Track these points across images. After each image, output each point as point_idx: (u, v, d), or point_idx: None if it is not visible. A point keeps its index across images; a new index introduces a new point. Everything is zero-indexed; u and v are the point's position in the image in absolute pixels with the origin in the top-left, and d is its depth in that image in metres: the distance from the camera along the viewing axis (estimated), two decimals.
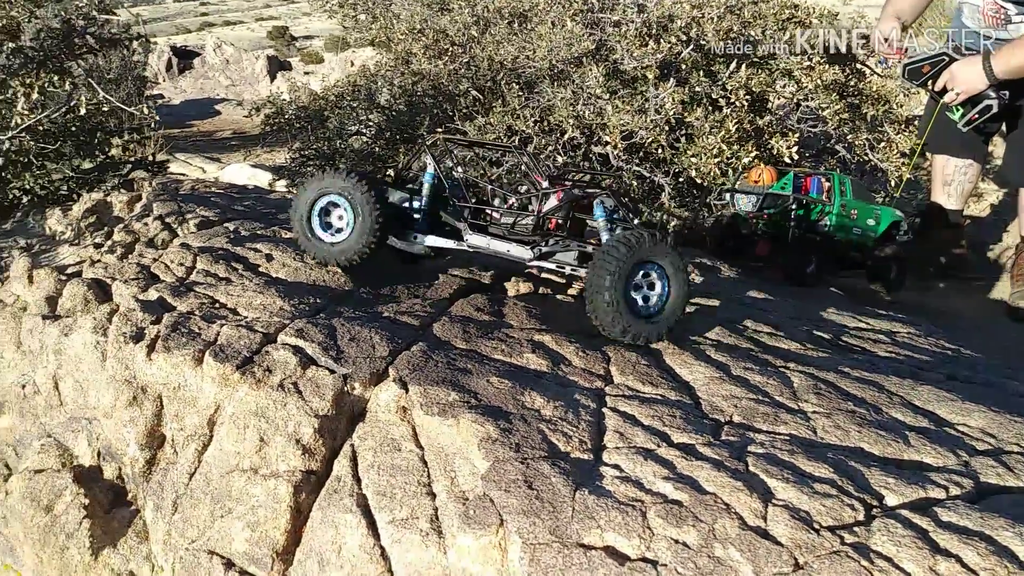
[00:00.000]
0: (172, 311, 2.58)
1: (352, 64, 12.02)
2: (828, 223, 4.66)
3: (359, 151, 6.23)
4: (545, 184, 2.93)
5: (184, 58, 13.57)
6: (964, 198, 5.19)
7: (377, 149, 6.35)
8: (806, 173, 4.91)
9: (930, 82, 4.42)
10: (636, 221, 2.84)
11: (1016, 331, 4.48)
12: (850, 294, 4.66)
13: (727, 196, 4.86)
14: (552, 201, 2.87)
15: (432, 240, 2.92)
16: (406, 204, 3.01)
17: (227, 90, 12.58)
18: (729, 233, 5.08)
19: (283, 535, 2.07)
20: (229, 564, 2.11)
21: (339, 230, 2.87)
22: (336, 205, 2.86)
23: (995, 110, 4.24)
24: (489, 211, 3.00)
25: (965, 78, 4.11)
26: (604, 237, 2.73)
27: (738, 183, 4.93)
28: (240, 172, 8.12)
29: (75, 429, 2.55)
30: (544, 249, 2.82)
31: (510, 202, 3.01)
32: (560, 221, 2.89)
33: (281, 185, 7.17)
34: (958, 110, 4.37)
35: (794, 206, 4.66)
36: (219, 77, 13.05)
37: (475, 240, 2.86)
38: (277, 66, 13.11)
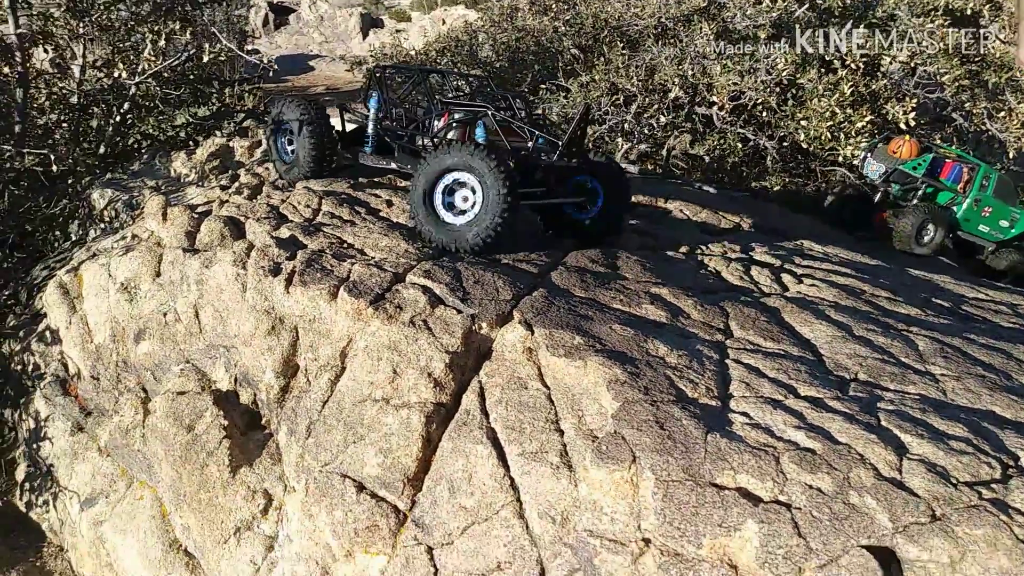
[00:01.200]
0: (305, 248, 2.69)
1: (443, 23, 12.01)
2: (955, 212, 4.51)
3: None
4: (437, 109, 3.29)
5: (280, 14, 13.83)
6: None
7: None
8: (951, 158, 4.72)
9: None
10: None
11: None
12: (963, 266, 4.52)
13: (859, 157, 4.70)
14: (441, 123, 3.19)
15: (371, 161, 3.33)
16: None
17: (320, 47, 12.78)
18: (848, 202, 4.95)
19: (415, 462, 2.16)
20: (360, 487, 2.22)
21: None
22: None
23: None
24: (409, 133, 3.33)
25: None
26: None
27: (877, 148, 4.78)
28: (335, 125, 8.26)
29: (213, 356, 2.70)
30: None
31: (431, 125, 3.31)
32: (456, 142, 3.01)
33: None
34: None
35: (922, 187, 4.51)
36: (313, 33, 13.27)
37: (400, 161, 3.25)
38: (369, 23, 13.25)
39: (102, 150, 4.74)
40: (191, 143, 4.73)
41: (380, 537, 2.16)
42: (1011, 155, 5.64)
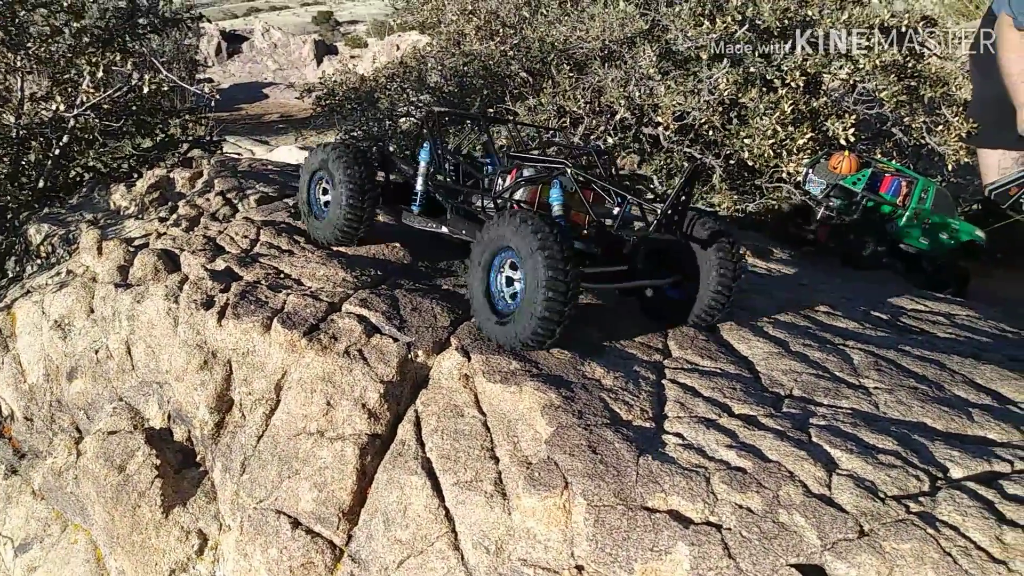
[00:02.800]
0: (239, 280, 2.65)
1: (398, 48, 12.06)
2: (895, 226, 4.57)
3: (407, 132, 6.29)
4: (502, 163, 2.72)
5: (233, 42, 13.77)
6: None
7: (426, 131, 6.38)
8: (891, 172, 4.80)
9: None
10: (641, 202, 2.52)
11: None
12: (906, 278, 4.60)
13: (802, 173, 4.76)
14: (508, 181, 2.64)
15: (417, 222, 2.83)
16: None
17: (275, 74, 12.74)
18: (791, 218, 5.01)
19: (349, 495, 2.13)
20: (296, 523, 2.17)
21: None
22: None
23: None
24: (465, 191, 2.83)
25: None
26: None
27: (818, 164, 4.84)
28: (289, 154, 8.24)
29: (146, 393, 2.64)
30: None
31: (488, 182, 2.79)
32: (525, 203, 2.54)
33: None
34: None
35: (863, 202, 4.57)
36: (267, 61, 13.23)
37: (452, 225, 2.71)
38: (324, 50, 13.24)
39: (41, 184, 4.65)
40: (134, 174, 4.66)
41: (316, 574, 2.11)
42: (950, 168, 5.76)
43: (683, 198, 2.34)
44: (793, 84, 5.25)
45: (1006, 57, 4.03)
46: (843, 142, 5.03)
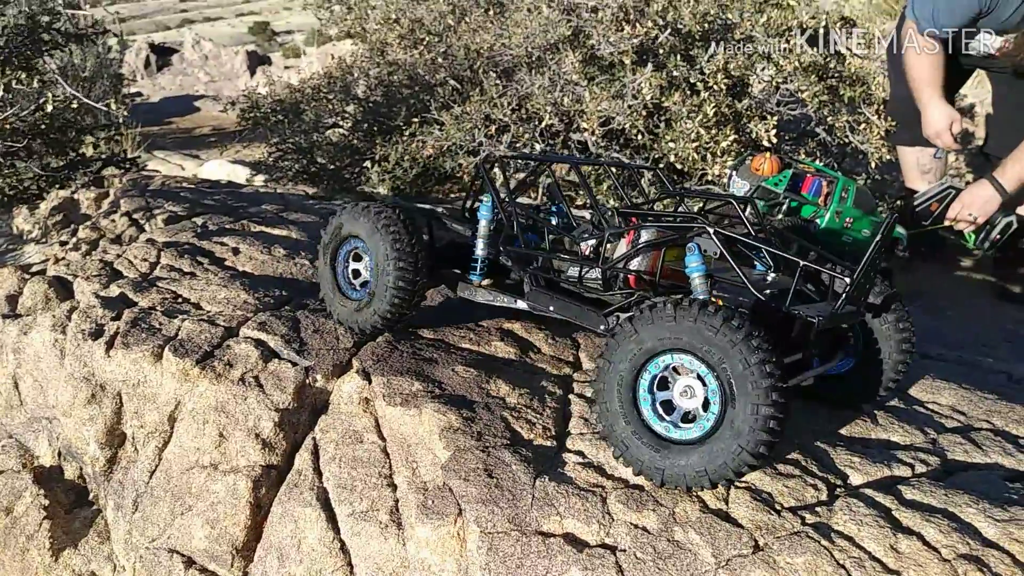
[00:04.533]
0: (133, 307, 2.55)
1: (332, 57, 11.94)
2: (817, 226, 4.59)
3: (336, 144, 6.19)
4: (612, 220, 2.15)
5: (163, 55, 13.47)
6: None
7: (355, 142, 6.29)
8: (811, 172, 4.83)
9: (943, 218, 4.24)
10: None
11: (997, 309, 4.47)
12: None
13: (726, 177, 4.75)
14: (622, 246, 2.11)
15: (482, 295, 2.32)
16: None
17: (207, 86, 12.49)
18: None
19: (242, 531, 2.04)
20: (190, 562, 2.08)
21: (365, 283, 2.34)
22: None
23: (1015, 225, 4.15)
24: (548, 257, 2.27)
25: (979, 205, 3.93)
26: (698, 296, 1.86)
27: (742, 166, 4.85)
28: (220, 169, 8.05)
29: (36, 429, 2.51)
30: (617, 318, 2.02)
31: (581, 246, 2.24)
32: (644, 274, 2.05)
33: (260, 180, 7.12)
34: (971, 236, 4.25)
35: (785, 202, 4.59)
36: (198, 73, 12.97)
37: (533, 300, 2.20)
38: (257, 61, 13.03)
39: None
40: (44, 195, 4.49)
41: None
42: (873, 166, 5.86)
43: (877, 263, 1.90)
44: (716, 87, 5.29)
45: (909, 62, 4.10)
46: (766, 143, 5.08)
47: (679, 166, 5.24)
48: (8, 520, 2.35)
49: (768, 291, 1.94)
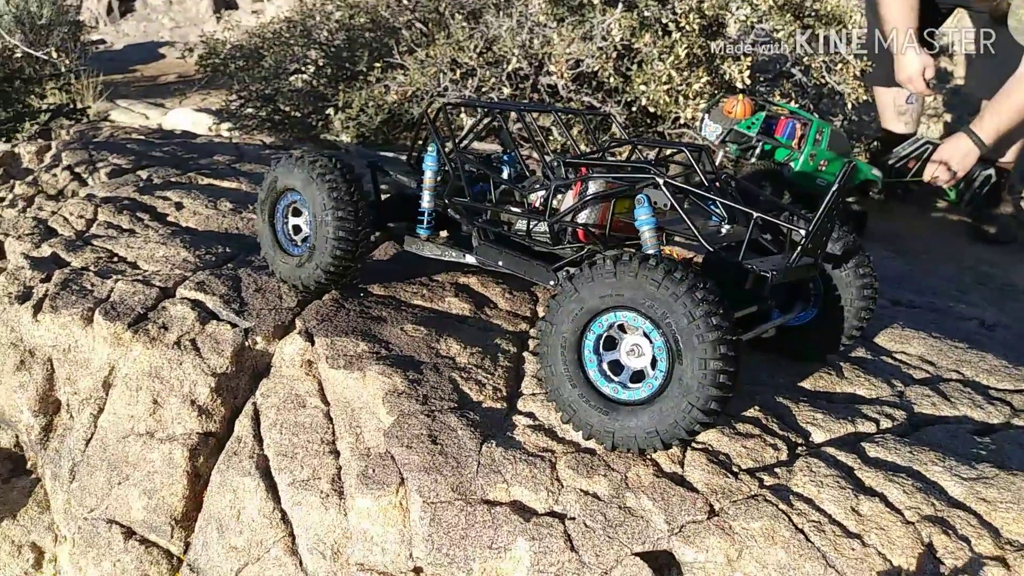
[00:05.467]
0: (64, 267, 2.41)
1: (301, 1, 11.57)
2: (792, 168, 4.48)
3: (300, 90, 5.97)
4: (557, 171, 2.04)
5: (125, 0, 12.99)
6: (917, 123, 5.05)
7: (319, 88, 6.08)
8: (784, 115, 4.69)
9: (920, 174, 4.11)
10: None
11: (972, 252, 4.40)
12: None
13: (699, 120, 4.60)
14: (569, 198, 2.01)
15: (429, 249, 2.24)
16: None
17: (171, 32, 12.05)
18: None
19: (181, 501, 1.95)
20: (129, 532, 1.99)
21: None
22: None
23: (995, 178, 4.02)
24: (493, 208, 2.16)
25: (958, 160, 3.76)
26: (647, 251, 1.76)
27: (714, 108, 4.70)
28: (184, 117, 7.79)
29: None
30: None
31: (530, 198, 2.12)
32: (593, 227, 1.95)
33: (224, 129, 6.90)
34: (952, 190, 4.12)
35: (758, 145, 4.46)
36: (162, 19, 12.51)
37: (480, 255, 2.13)
38: (223, 5, 12.58)
39: None
40: None
41: None
42: (849, 107, 5.72)
43: (834, 213, 1.79)
44: (688, 27, 5.10)
45: (882, 2, 3.97)
46: (740, 85, 4.92)
47: (651, 109, 5.09)
48: None
49: (722, 243, 1.84)
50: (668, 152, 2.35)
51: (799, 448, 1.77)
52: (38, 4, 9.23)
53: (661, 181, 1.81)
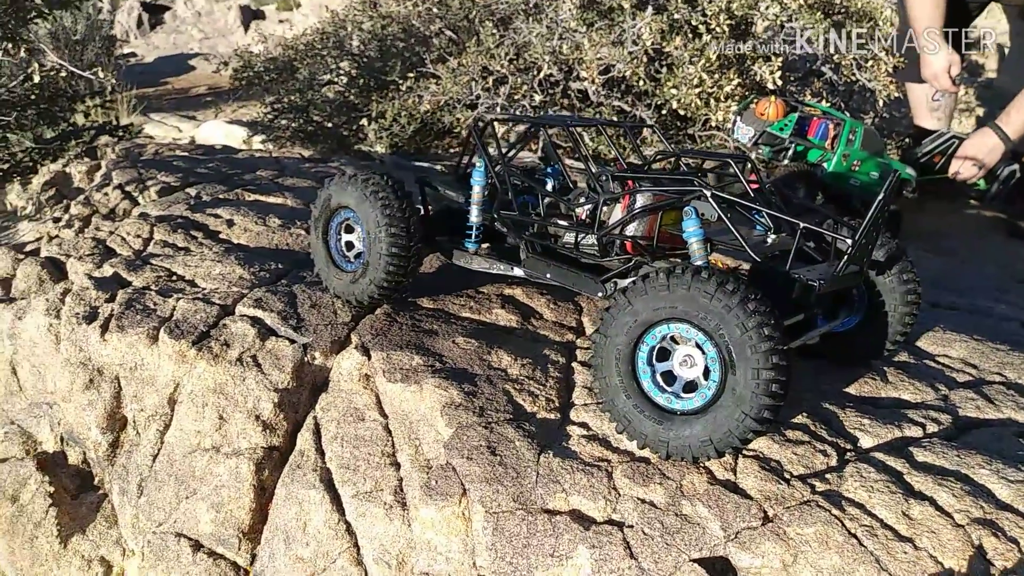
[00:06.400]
0: (127, 287, 2.50)
1: (328, 9, 11.69)
2: (825, 169, 4.49)
3: (333, 101, 6.07)
4: (606, 183, 2.06)
5: (155, 13, 13.20)
6: (950, 119, 5.03)
7: (352, 98, 6.17)
8: (817, 115, 4.69)
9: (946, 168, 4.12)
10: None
11: (1009, 249, 4.38)
12: None
13: (731, 121, 4.61)
14: (617, 211, 2.03)
15: (477, 263, 2.27)
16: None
17: (200, 44, 12.26)
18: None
19: (248, 514, 2.03)
20: (197, 545, 2.07)
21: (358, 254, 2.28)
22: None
23: (1019, 173, 4.02)
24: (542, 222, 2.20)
25: (984, 155, 3.78)
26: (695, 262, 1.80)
27: (746, 110, 4.72)
28: (216, 130, 7.94)
29: (37, 415, 2.50)
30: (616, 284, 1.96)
31: (577, 211, 2.15)
32: (641, 240, 1.97)
33: (258, 141, 7.02)
34: (982, 182, 4.13)
35: (791, 147, 4.47)
36: (191, 31, 12.71)
37: (529, 267, 2.16)
38: (250, 15, 12.76)
39: None
40: (39, 168, 4.42)
41: None
42: (881, 104, 5.70)
43: (880, 222, 1.81)
44: (719, 29, 5.12)
45: (911, 4, 3.99)
46: (771, 86, 4.93)
47: (682, 112, 5.12)
48: (15, 508, 2.35)
49: (768, 253, 1.89)
50: (713, 165, 2.39)
51: (848, 453, 1.81)
52: (72, 20, 9.42)
53: (708, 193, 1.85)
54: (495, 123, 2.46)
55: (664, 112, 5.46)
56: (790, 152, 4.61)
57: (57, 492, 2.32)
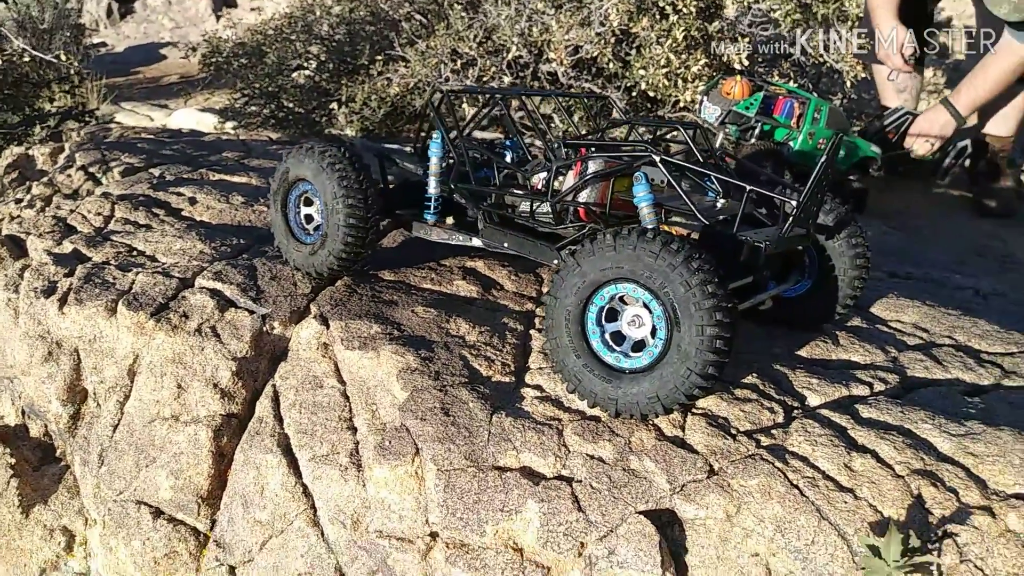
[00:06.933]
0: (87, 262, 2.50)
1: None
2: (791, 148, 4.52)
3: (303, 86, 6.05)
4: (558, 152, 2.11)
5: (125, 2, 13.06)
6: (916, 99, 5.10)
7: (322, 83, 6.15)
8: (782, 94, 4.73)
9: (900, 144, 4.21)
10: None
11: (973, 226, 4.45)
12: None
13: (698, 102, 4.64)
14: (570, 178, 2.07)
15: (436, 234, 2.30)
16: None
17: (171, 33, 12.12)
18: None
19: (206, 480, 2.04)
20: (158, 512, 2.08)
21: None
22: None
23: (970, 149, 4.11)
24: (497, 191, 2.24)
25: (936, 131, 3.89)
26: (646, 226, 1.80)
27: (712, 90, 4.75)
28: (188, 117, 7.88)
29: None
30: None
31: (533, 180, 2.18)
32: (594, 206, 2.01)
33: (229, 128, 6.99)
34: (930, 159, 4.23)
35: (757, 126, 4.51)
36: (162, 20, 12.58)
37: (486, 237, 2.20)
38: (222, 3, 12.64)
39: None
40: (1, 153, 4.38)
41: (182, 563, 2.04)
42: (849, 85, 5.75)
43: (824, 184, 1.87)
44: (686, 10, 5.15)
45: None
46: (738, 67, 4.97)
47: (651, 93, 5.15)
48: None
49: (718, 217, 1.92)
50: (664, 131, 2.43)
51: (795, 411, 1.86)
52: (39, 8, 9.32)
53: (658, 159, 1.89)
54: (464, 103, 2.49)
55: (634, 93, 5.49)
56: (756, 131, 4.65)
57: (18, 464, 2.32)
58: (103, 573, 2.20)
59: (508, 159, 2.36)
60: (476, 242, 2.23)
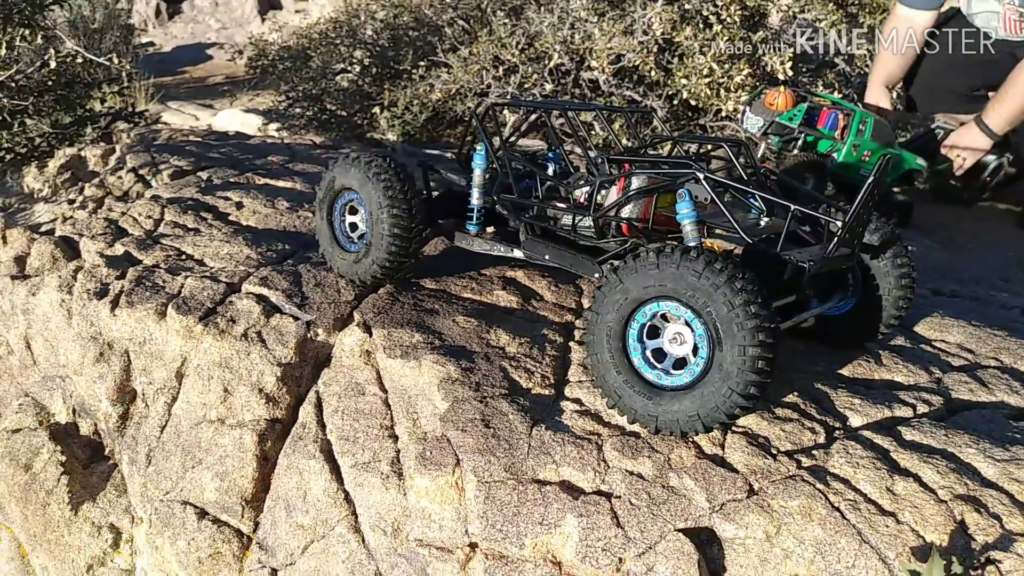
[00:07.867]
0: (137, 265, 2.57)
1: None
2: (835, 160, 4.48)
3: (346, 90, 6.13)
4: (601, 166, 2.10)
5: (173, 3, 13.33)
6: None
7: (365, 87, 6.22)
8: (826, 106, 4.69)
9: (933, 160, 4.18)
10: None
11: (1018, 240, 4.37)
12: None
13: (740, 112, 4.61)
14: (613, 193, 2.06)
15: (478, 245, 2.32)
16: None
17: (218, 33, 12.35)
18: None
19: (251, 483, 2.09)
20: (203, 513, 2.13)
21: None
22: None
23: (1006, 167, 4.05)
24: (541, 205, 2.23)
25: (966, 144, 3.85)
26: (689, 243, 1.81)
27: (755, 101, 4.72)
28: (233, 118, 8.01)
29: (50, 387, 2.57)
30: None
31: (575, 193, 2.18)
32: (636, 221, 2.01)
33: (272, 129, 7.09)
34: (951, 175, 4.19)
35: (800, 137, 4.47)
36: (209, 20, 12.82)
37: (528, 249, 2.21)
38: (267, 5, 12.85)
39: None
40: (55, 153, 4.50)
41: (225, 563, 2.08)
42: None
43: (870, 204, 1.83)
44: (730, 19, 5.13)
45: (880, 56, 4.09)
46: (781, 77, 4.93)
47: (693, 102, 5.13)
48: (28, 476, 2.42)
49: (761, 235, 1.92)
50: (709, 147, 2.43)
51: (836, 432, 1.84)
52: (91, 8, 9.53)
53: (701, 176, 1.89)
54: (504, 110, 2.51)
55: (676, 102, 5.48)
56: (799, 142, 4.61)
57: (69, 461, 2.39)
58: (149, 571, 2.26)
59: (550, 171, 2.38)
60: (517, 254, 2.25)
